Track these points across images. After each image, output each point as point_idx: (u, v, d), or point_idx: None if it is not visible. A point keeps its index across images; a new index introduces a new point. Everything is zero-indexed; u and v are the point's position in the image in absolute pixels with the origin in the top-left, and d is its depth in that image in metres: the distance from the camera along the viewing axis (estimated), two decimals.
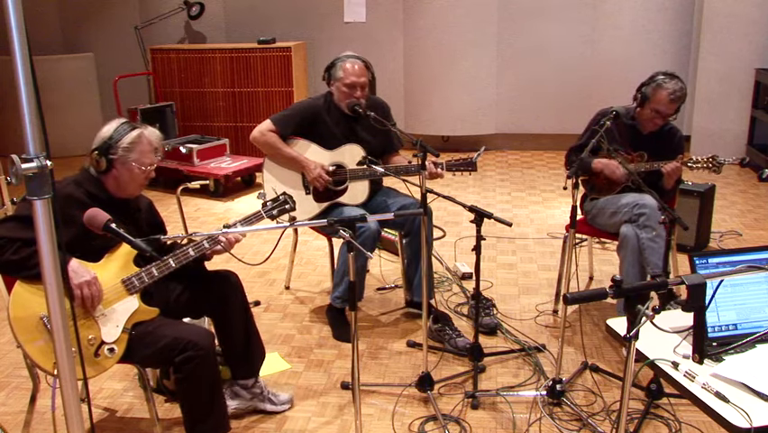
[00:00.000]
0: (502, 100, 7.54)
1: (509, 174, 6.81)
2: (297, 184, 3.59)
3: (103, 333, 2.42)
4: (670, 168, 3.42)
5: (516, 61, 7.45)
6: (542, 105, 7.52)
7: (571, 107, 7.32)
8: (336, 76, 3.53)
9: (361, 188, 3.59)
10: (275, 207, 2.78)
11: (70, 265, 2.38)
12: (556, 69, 7.38)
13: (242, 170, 6.22)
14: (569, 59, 7.32)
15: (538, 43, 7.38)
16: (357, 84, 3.48)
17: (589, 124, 3.62)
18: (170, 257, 2.55)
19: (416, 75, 7.56)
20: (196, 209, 5.80)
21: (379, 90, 3.73)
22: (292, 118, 3.60)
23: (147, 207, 2.77)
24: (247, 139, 3.73)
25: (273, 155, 3.61)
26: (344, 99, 3.52)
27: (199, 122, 7.10)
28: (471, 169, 3.48)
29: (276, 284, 4.27)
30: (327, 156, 3.59)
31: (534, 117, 7.59)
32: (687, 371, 1.94)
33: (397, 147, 3.76)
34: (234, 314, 2.80)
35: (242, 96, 6.92)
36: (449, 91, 7.39)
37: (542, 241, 4.93)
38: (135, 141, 2.58)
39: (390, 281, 4.21)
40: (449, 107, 7.45)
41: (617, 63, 7.04)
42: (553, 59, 7.37)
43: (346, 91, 3.50)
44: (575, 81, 7.33)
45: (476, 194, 6.13)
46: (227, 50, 6.93)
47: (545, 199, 5.93)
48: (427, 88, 7.47)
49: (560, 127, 7.44)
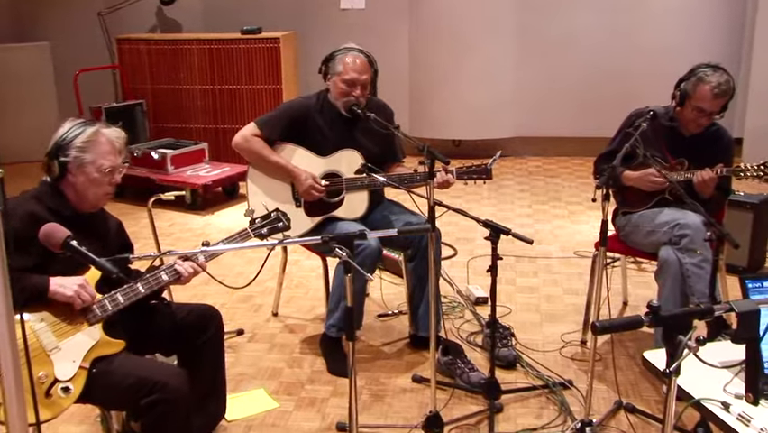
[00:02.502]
0: (521, 99, 7.57)
1: (530, 184, 6.81)
2: (285, 196, 3.60)
3: (57, 369, 2.39)
4: (700, 178, 3.41)
5: (537, 54, 7.49)
6: (567, 105, 7.55)
7: (601, 107, 7.33)
8: (335, 69, 3.55)
9: (359, 200, 3.59)
10: (265, 225, 2.78)
11: (53, 283, 2.40)
12: (584, 62, 7.41)
13: (224, 179, 6.23)
14: (599, 50, 7.35)
15: (563, 33, 7.42)
16: (357, 81, 3.51)
17: (621, 126, 3.63)
18: (139, 281, 2.55)
19: (422, 70, 7.60)
20: (170, 224, 5.81)
21: (381, 88, 3.73)
22: (280, 120, 3.61)
23: (116, 228, 2.78)
24: (229, 144, 3.74)
25: (258, 163, 3.62)
26: (341, 96, 3.54)
27: (174, 123, 7.13)
28: (486, 177, 3.49)
29: (262, 310, 4.26)
30: (320, 164, 3.60)
31: (558, 118, 7.62)
32: (740, 413, 1.93)
33: (400, 157, 3.78)
34: (204, 357, 2.79)
35: (224, 93, 6.95)
36: (460, 89, 7.42)
37: (567, 261, 4.93)
38: (91, 140, 2.56)
39: (393, 307, 4.21)
40: (460, 107, 7.48)
41: (656, 55, 7.07)
42: (580, 50, 7.40)
43: (344, 88, 3.52)
44: (606, 77, 7.36)
45: (491, 207, 6.13)
46: (206, 40, 6.97)
47: (572, 213, 5.93)
48: (435, 85, 7.51)
49: (588, 130, 7.46)
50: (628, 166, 3.56)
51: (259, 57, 6.83)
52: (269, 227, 2.78)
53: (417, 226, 3.35)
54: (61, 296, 2.41)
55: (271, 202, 3.55)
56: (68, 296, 2.41)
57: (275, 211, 2.81)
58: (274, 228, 2.78)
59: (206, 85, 6.98)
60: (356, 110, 3.48)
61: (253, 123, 3.61)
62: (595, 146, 4.13)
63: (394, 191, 3.56)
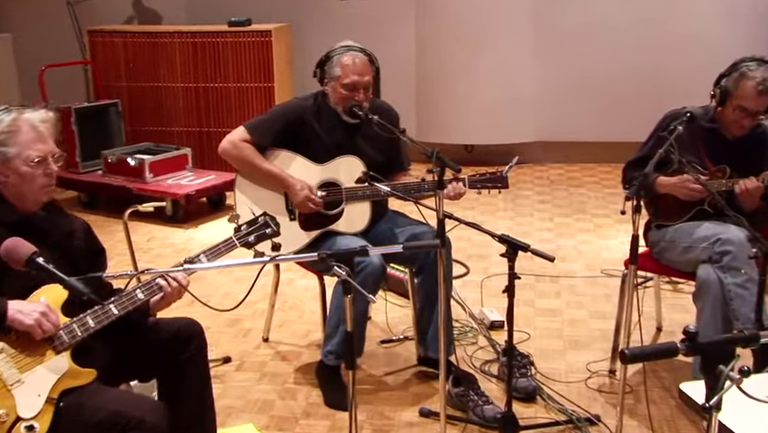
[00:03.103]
0: (541, 99, 7.58)
1: (551, 194, 6.82)
2: (278, 208, 3.61)
3: (19, 406, 2.35)
4: (744, 187, 3.41)
5: (559, 48, 7.50)
6: (593, 105, 7.56)
7: (631, 107, 7.32)
8: (332, 73, 3.56)
9: (360, 212, 3.61)
10: (251, 232, 2.77)
11: (11, 308, 2.36)
12: (612, 57, 7.41)
13: (209, 188, 6.24)
14: (630, 43, 7.35)
15: (589, 24, 7.42)
16: (359, 84, 3.52)
17: (654, 129, 3.64)
18: (113, 302, 2.53)
19: (430, 67, 7.62)
20: (148, 239, 5.82)
21: (384, 88, 3.75)
22: (272, 124, 3.63)
23: (83, 230, 2.73)
24: (215, 149, 3.77)
25: (248, 171, 3.63)
26: (342, 102, 3.57)
27: (153, 126, 7.16)
28: (502, 186, 3.49)
29: (251, 335, 4.26)
30: (317, 172, 3.62)
31: (582, 120, 7.62)
32: None
33: (406, 165, 3.79)
34: (188, 379, 2.74)
35: (209, 93, 6.97)
36: (473, 88, 7.43)
37: (594, 280, 4.93)
38: (11, 129, 2.50)
39: (398, 332, 4.21)
40: (473, 108, 7.49)
41: (692, 48, 7.08)
42: (608, 44, 7.40)
43: (345, 93, 3.54)
44: (638, 73, 7.35)
45: (508, 219, 6.13)
46: (189, 33, 7.00)
47: (598, 227, 5.93)
48: (445, 84, 7.53)
49: (617, 133, 7.42)
50: (662, 174, 3.56)
51: (248, 52, 6.85)
52: (257, 234, 2.77)
53: (425, 242, 3.36)
54: (20, 324, 2.37)
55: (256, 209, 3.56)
56: (27, 324, 2.36)
57: (262, 215, 2.81)
58: (262, 235, 2.77)
59: (189, 83, 7.00)
60: (357, 112, 3.50)
61: (243, 126, 3.63)
62: (624, 152, 4.13)
63: (399, 202, 3.57)
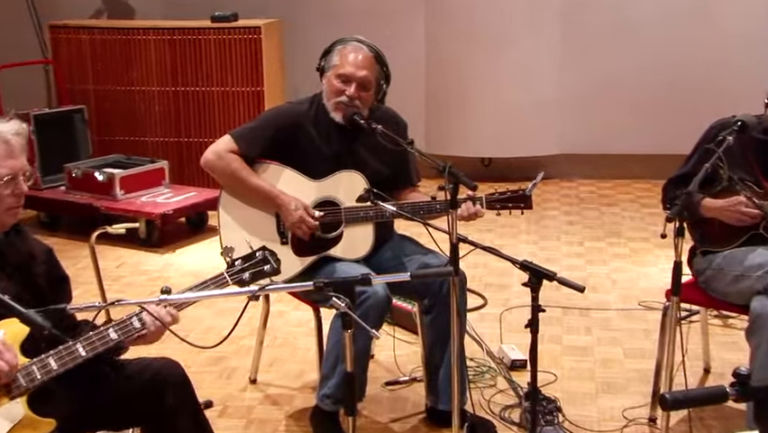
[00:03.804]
0: (569, 106, 7.60)
1: (581, 214, 6.81)
2: (268, 230, 3.62)
3: None
4: None
5: (589, 49, 7.53)
6: (628, 113, 7.57)
7: (672, 115, 7.34)
8: (330, 63, 3.61)
9: (362, 235, 3.61)
10: (247, 269, 2.78)
11: None
12: (649, 57, 7.43)
13: (188, 207, 6.25)
14: (670, 44, 7.37)
15: (623, 21, 7.45)
16: (353, 77, 3.55)
17: (699, 140, 3.64)
18: (80, 341, 2.52)
19: (442, 69, 7.63)
20: (118, 264, 5.82)
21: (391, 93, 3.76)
22: (262, 133, 3.64)
23: (45, 255, 2.75)
24: (195, 162, 3.78)
25: (234, 187, 3.64)
26: (333, 96, 3.58)
27: (124, 135, 7.17)
28: (524, 206, 3.50)
29: (237, 376, 4.26)
30: (313, 188, 3.63)
31: (616, 130, 7.63)
32: None
33: (415, 181, 3.80)
34: (180, 427, 2.74)
35: (189, 98, 7.00)
36: (490, 93, 7.45)
37: (630, 314, 4.91)
38: None
39: (406, 372, 4.20)
40: (490, 117, 7.50)
41: (743, 47, 7.09)
42: (645, 44, 7.43)
43: (337, 85, 3.57)
44: (679, 76, 7.38)
45: (532, 243, 6.12)
46: (166, 29, 7.02)
47: (635, 252, 5.92)
48: (459, 89, 7.54)
49: (656, 145, 7.44)
50: (709, 193, 3.55)
51: (234, 51, 6.87)
52: (253, 271, 2.77)
53: (437, 270, 3.37)
54: None
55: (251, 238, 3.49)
56: None
57: (260, 250, 2.82)
58: (259, 273, 2.77)
59: (167, 87, 7.02)
60: (358, 120, 3.52)
61: (228, 135, 3.64)
62: (665, 166, 4.14)
63: (407, 224, 3.57)
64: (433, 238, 3.33)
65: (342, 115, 3.59)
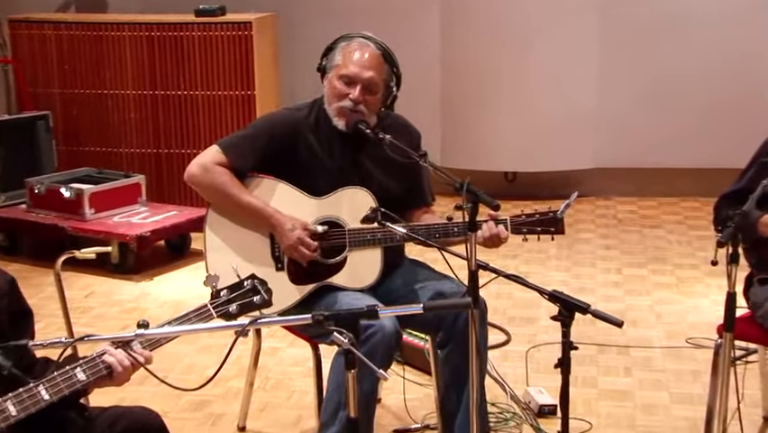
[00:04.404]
0: (606, 112, 7.61)
1: (619, 237, 6.81)
2: (261, 254, 3.63)
3: None
4: None
5: (630, 47, 7.54)
6: (675, 122, 7.57)
7: (726, 125, 7.35)
8: (333, 62, 3.64)
9: (368, 261, 3.61)
10: (234, 300, 2.78)
11: None
12: (701, 59, 7.43)
13: (169, 228, 6.26)
14: (725, 42, 7.36)
15: (670, 15, 7.46)
16: (358, 79, 3.56)
17: (757, 152, 3.66)
18: (42, 383, 2.50)
19: (460, 72, 7.65)
20: (87, 294, 5.84)
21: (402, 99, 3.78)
22: (255, 143, 3.66)
23: (6, 286, 2.75)
24: (177, 176, 3.80)
25: (222, 205, 3.66)
26: (334, 99, 3.60)
27: (95, 145, 7.19)
28: (555, 230, 3.52)
29: (223, 423, 4.25)
30: (313, 207, 3.64)
31: (660, 141, 7.63)
32: None
33: (429, 199, 3.82)
34: None
35: (170, 103, 7.01)
36: (516, 99, 7.47)
37: (677, 352, 4.91)
38: None
39: (418, 418, 4.20)
40: (515, 126, 7.51)
41: None
42: (695, 42, 7.43)
43: (339, 87, 3.58)
44: (735, 81, 7.37)
45: (562, 271, 6.15)
46: (144, 25, 7.04)
47: (682, 281, 5.92)
48: (480, 95, 7.56)
49: (705, 158, 7.45)
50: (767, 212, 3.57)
51: (222, 49, 6.88)
52: (241, 303, 2.77)
53: (453, 300, 3.37)
54: None
55: (242, 263, 3.53)
56: None
57: (249, 279, 2.82)
58: (248, 304, 2.77)
59: (144, 90, 7.04)
60: (363, 129, 3.54)
61: (216, 146, 3.65)
62: (716, 182, 4.16)
63: (420, 249, 3.59)
64: (449, 265, 3.32)
65: (345, 123, 3.59)
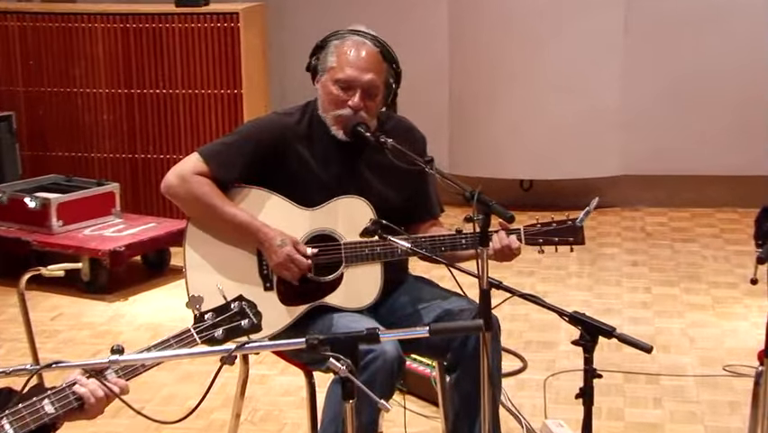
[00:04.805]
0: (634, 114, 7.63)
1: (647, 252, 6.83)
2: (247, 273, 3.63)
3: None
4: None
5: (660, 41, 7.57)
6: (710, 124, 7.59)
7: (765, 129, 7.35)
8: (325, 64, 3.62)
9: (367, 279, 3.61)
10: (219, 324, 2.78)
11: None
12: (740, 54, 7.44)
13: (145, 242, 6.28)
14: (763, 37, 7.37)
15: (704, 6, 7.49)
16: (356, 83, 3.55)
17: None
18: (6, 416, 2.51)
19: (470, 71, 7.69)
20: (54, 316, 5.86)
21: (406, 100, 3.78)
22: (240, 150, 3.66)
23: None
24: (155, 185, 3.81)
25: (203, 218, 3.66)
26: (331, 107, 3.60)
27: (63, 150, 7.21)
28: (574, 241, 3.51)
29: None
30: (305, 219, 3.64)
31: (693, 145, 7.65)
32: None
33: (436, 210, 3.83)
34: None
35: (147, 102, 7.04)
36: (532, 100, 7.51)
37: (713, 381, 4.91)
38: None
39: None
40: (532, 129, 7.55)
41: None
42: (733, 35, 7.44)
43: (335, 93, 3.57)
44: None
45: (585, 290, 6.15)
46: (118, 15, 7.07)
47: (718, 301, 5.93)
48: (492, 96, 7.59)
49: (746, 165, 7.46)
50: None
51: (205, 44, 6.91)
52: (227, 327, 2.77)
53: (462, 323, 3.37)
54: None
55: (226, 283, 3.53)
56: None
57: (236, 301, 2.82)
58: (234, 329, 2.77)
59: (119, 88, 7.07)
60: (363, 133, 3.54)
61: (197, 153, 3.65)
62: (755, 190, 4.19)
63: (425, 265, 3.58)
64: (457, 282, 3.32)
65: (344, 132, 3.59)
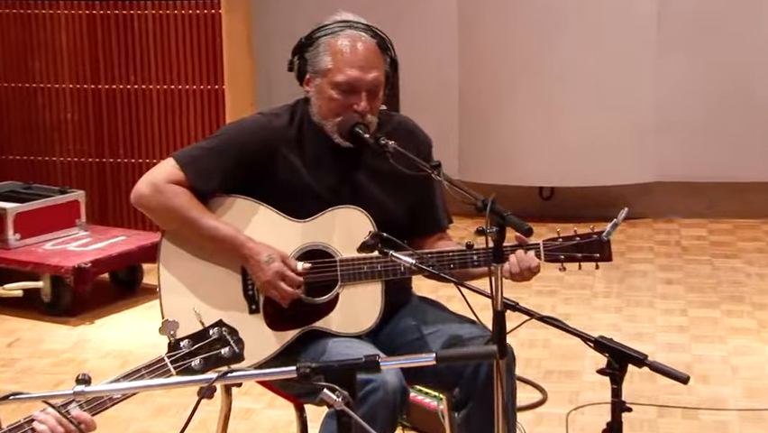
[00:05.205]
0: (668, 113, 7.66)
1: (684, 269, 6.85)
2: (230, 293, 3.62)
3: None
4: None
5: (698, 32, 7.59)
6: (754, 126, 7.62)
7: None
8: (318, 65, 3.60)
9: (366, 300, 3.61)
10: (197, 353, 2.79)
11: None
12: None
13: (114, 258, 6.30)
14: None
15: None
16: (361, 84, 3.55)
17: None
18: None
19: (482, 64, 7.71)
20: (11, 341, 5.84)
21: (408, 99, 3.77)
22: (221, 157, 3.65)
23: None
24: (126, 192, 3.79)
25: (180, 232, 3.65)
26: (331, 114, 3.59)
27: (21, 153, 7.22)
28: (600, 256, 3.51)
29: None
30: (297, 232, 3.63)
31: (736, 150, 7.67)
32: None
33: (444, 222, 3.82)
34: None
35: (117, 100, 7.05)
36: (552, 98, 7.53)
37: (758, 416, 4.90)
38: None
39: None
40: (552, 132, 7.57)
41: None
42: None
43: (337, 99, 3.57)
44: None
45: (612, 312, 6.15)
46: (84, 0, 7.04)
47: (764, 325, 5.94)
48: (507, 93, 7.61)
49: None
50: None
51: (182, 32, 6.92)
52: (206, 356, 2.78)
53: (474, 349, 3.35)
54: None
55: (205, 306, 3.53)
56: None
57: (215, 327, 2.81)
58: (214, 358, 2.78)
59: (84, 83, 7.08)
60: (361, 134, 3.52)
61: (172, 159, 3.65)
62: None
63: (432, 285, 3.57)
64: (468, 304, 3.29)
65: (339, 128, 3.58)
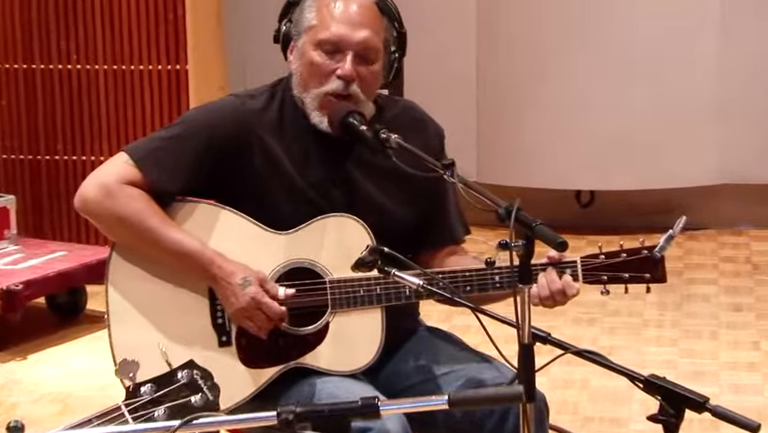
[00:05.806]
0: (733, 105, 7.75)
1: (756, 292, 6.88)
2: (195, 322, 3.63)
3: None
4: None
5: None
6: None
7: None
8: (302, 24, 3.64)
9: (362, 330, 3.63)
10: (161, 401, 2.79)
11: None
12: None
13: (52, 278, 6.34)
14: None
15: None
16: (347, 43, 3.56)
17: None
18: None
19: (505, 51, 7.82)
20: None
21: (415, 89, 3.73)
22: (184, 150, 3.65)
23: None
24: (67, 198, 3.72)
25: (136, 245, 3.66)
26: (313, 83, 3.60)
27: None
28: (652, 277, 3.54)
29: None
30: (277, 247, 3.65)
31: None
32: None
33: (459, 233, 3.84)
34: None
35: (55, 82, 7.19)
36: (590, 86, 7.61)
37: None
38: None
39: None
40: (591, 126, 7.64)
41: None
42: None
43: (318, 61, 3.58)
44: None
45: (667, 343, 6.19)
46: None
47: None
48: (536, 78, 7.69)
49: None
50: None
51: (137, 3, 7.01)
52: (171, 405, 2.79)
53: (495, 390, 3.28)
54: None
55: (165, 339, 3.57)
56: None
57: (186, 369, 2.81)
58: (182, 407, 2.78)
59: (14, 63, 7.20)
60: (356, 126, 3.51)
61: (125, 154, 3.65)
62: None
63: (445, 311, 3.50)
64: (488, 335, 3.32)
65: (329, 119, 3.58)
